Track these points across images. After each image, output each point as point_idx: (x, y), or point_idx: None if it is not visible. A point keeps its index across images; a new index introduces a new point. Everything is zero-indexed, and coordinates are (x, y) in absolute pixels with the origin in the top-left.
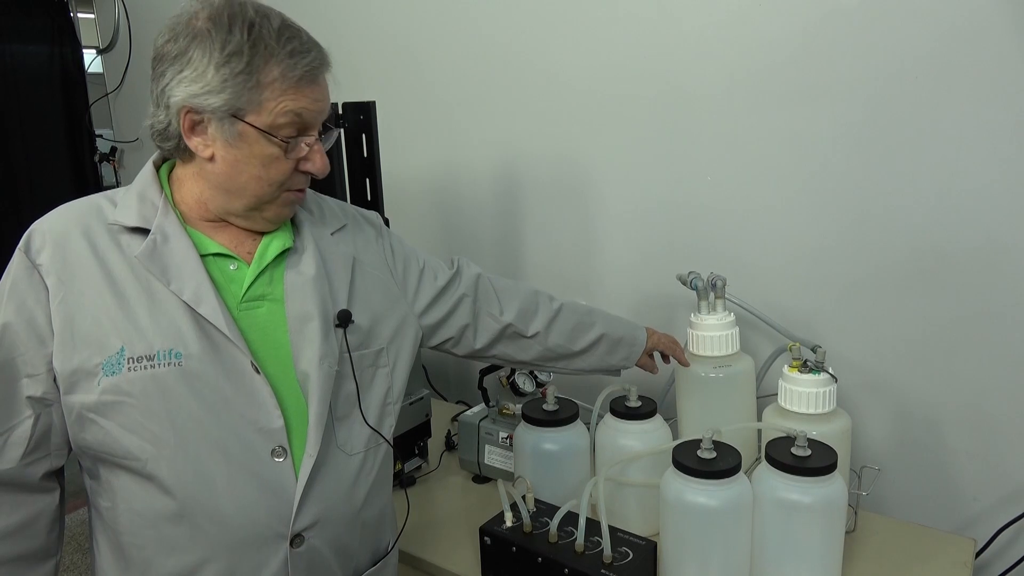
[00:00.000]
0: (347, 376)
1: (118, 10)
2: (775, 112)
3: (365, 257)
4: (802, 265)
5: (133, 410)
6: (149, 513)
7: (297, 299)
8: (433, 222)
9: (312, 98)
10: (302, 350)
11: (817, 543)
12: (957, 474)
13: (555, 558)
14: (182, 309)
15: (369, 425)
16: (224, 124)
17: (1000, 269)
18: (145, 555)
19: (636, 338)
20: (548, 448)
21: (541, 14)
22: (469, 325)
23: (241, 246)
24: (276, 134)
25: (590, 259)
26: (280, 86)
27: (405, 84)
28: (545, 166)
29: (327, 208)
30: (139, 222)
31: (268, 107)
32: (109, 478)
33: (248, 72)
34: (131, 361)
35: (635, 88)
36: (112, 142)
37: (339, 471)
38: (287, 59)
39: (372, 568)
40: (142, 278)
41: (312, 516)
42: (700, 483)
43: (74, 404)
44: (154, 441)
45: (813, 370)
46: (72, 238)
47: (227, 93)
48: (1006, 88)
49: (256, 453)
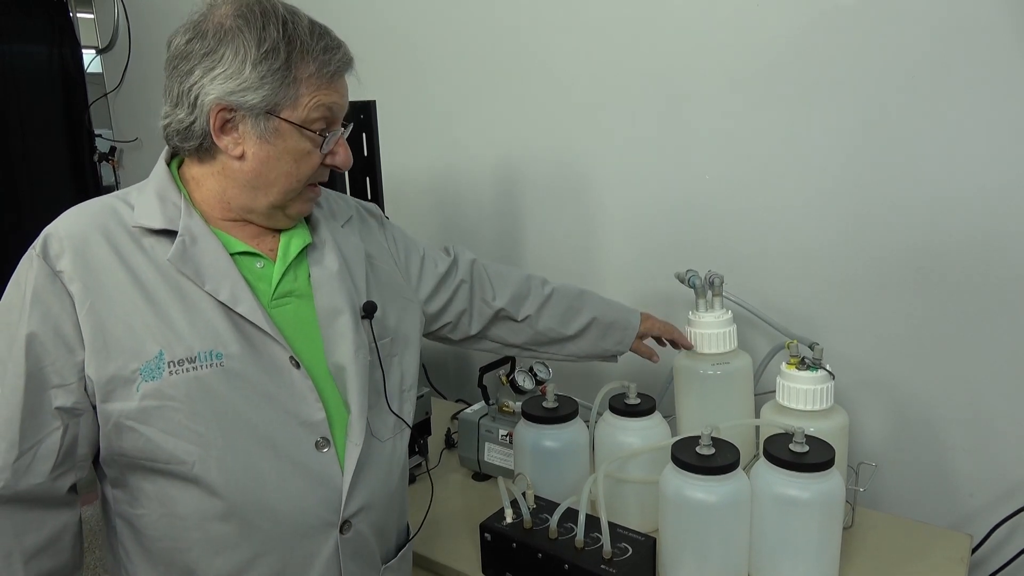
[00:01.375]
0: (375, 366)
1: (117, 10)
2: (773, 111)
3: (372, 249)
4: (799, 263)
5: (177, 413)
6: (194, 516)
7: (325, 294)
8: (433, 221)
9: (341, 93)
10: (335, 343)
11: (815, 539)
12: (954, 470)
13: (555, 554)
14: (217, 309)
15: (393, 412)
16: (259, 121)
17: (996, 266)
18: (191, 557)
19: (629, 322)
20: (548, 445)
21: (541, 13)
22: (466, 311)
23: (263, 244)
24: (311, 128)
25: (589, 257)
26: (316, 81)
27: (405, 83)
28: (544, 165)
29: (333, 201)
30: (164, 224)
31: (303, 102)
32: (141, 484)
33: (286, 68)
34: (172, 365)
35: (635, 87)
36: (111, 142)
37: (376, 457)
38: (322, 55)
39: (403, 549)
40: (171, 280)
41: (359, 503)
42: (699, 479)
43: (112, 412)
44: (200, 443)
45: (811, 367)
46: (92, 242)
47: (265, 89)
48: (1003, 87)
49: (302, 446)
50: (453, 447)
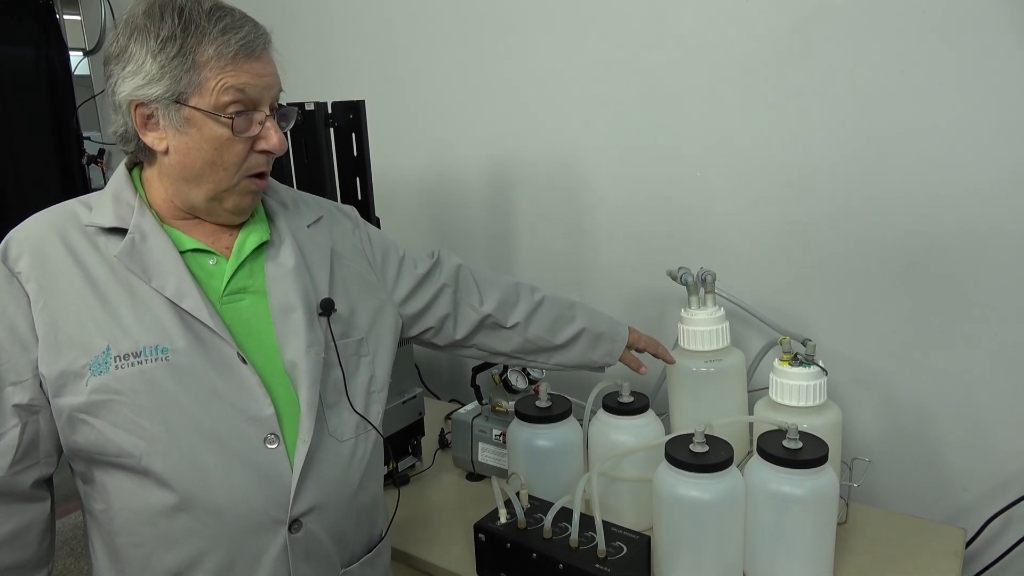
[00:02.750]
0: (333, 364)
1: (104, 12)
2: (763, 108)
3: (342, 249)
4: (791, 259)
5: (123, 407)
6: (146, 510)
7: (279, 290)
8: (424, 221)
9: (253, 73)
10: (288, 340)
11: (809, 535)
12: (947, 465)
13: (549, 554)
14: (165, 305)
15: (356, 411)
16: (171, 112)
17: (988, 262)
18: (143, 552)
19: (617, 334)
20: (541, 445)
21: (531, 12)
22: (449, 315)
23: (218, 241)
24: (221, 112)
25: (581, 256)
26: (217, 64)
27: (395, 83)
28: (535, 164)
29: (302, 201)
30: (116, 222)
31: (209, 87)
32: (103, 479)
33: (183, 55)
34: (118, 359)
35: (625, 85)
36: (100, 144)
37: (332, 457)
38: (220, 36)
39: (367, 555)
40: (122, 277)
41: (309, 501)
42: (693, 477)
43: (64, 407)
44: (146, 437)
45: (804, 363)
46: (49, 244)
47: (167, 79)
48: (993, 82)
49: (249, 442)
50: (447, 447)
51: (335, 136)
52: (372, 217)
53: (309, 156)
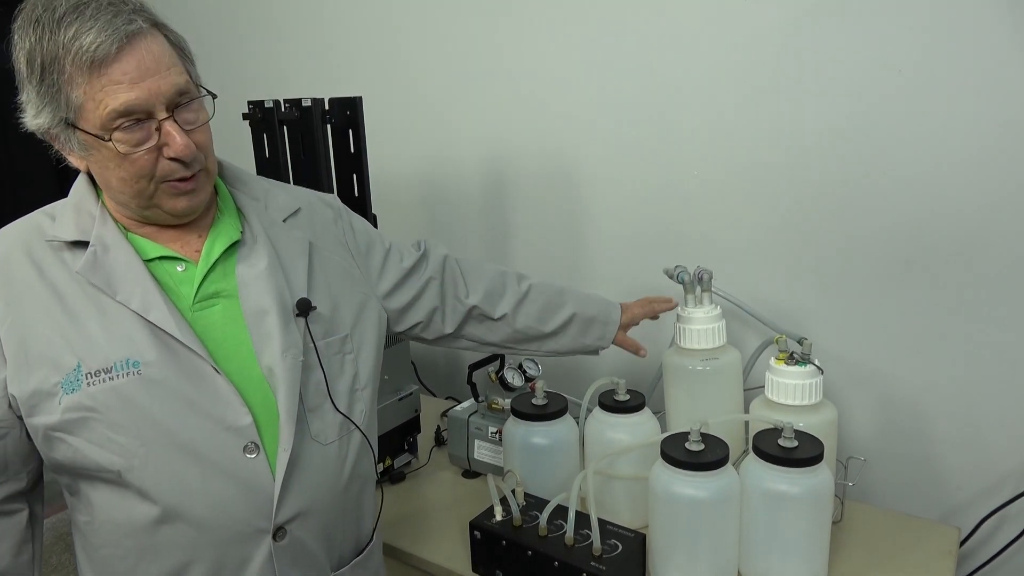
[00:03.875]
0: (314, 366)
1: None
2: (761, 107)
3: (322, 241)
4: (788, 258)
5: (98, 424)
6: (128, 523)
7: (251, 294)
8: (421, 217)
9: (125, 75)
10: (263, 345)
11: (804, 533)
12: (942, 464)
13: (545, 551)
14: (133, 318)
15: (340, 412)
16: (70, 136)
17: (984, 261)
18: (127, 565)
19: (609, 315)
20: (537, 442)
21: (528, 9)
22: (437, 308)
23: (187, 246)
24: (108, 133)
25: (577, 253)
26: (81, 80)
27: (392, 79)
28: (532, 161)
29: (277, 194)
30: (77, 235)
31: (87, 108)
32: (87, 492)
33: (49, 81)
34: (89, 376)
35: (622, 83)
36: None
37: (316, 462)
38: (71, 45)
39: (357, 557)
40: (89, 292)
41: (294, 508)
42: (688, 475)
43: (38, 425)
44: (123, 453)
45: (799, 362)
46: (14, 260)
47: (49, 108)
48: (991, 81)
49: (227, 452)
50: (443, 445)
51: (332, 133)
52: (369, 214)
53: (306, 153)
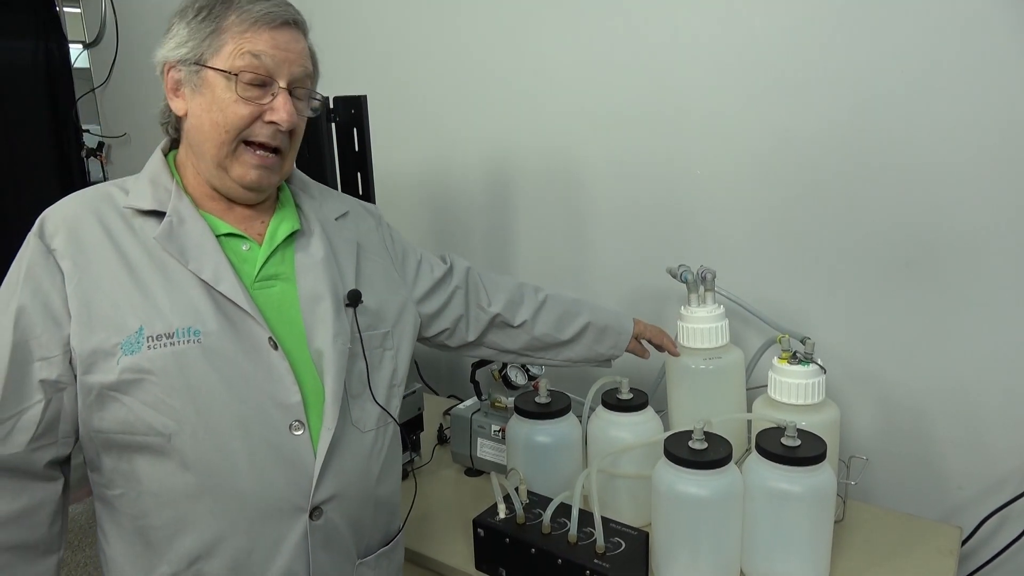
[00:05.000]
0: (358, 355)
1: (104, 4)
2: (763, 106)
3: (367, 243)
4: (790, 257)
5: (154, 387)
6: (167, 493)
7: (308, 279)
8: (425, 216)
9: (272, 43)
10: (315, 328)
11: (806, 532)
12: (943, 463)
13: (548, 549)
14: (199, 288)
15: (378, 403)
16: (192, 74)
17: (985, 260)
18: (163, 535)
19: (623, 326)
20: (541, 440)
21: (532, 9)
22: (463, 316)
23: (251, 228)
24: (236, 72)
25: (580, 253)
26: (237, 29)
27: (397, 78)
28: (536, 161)
29: (329, 195)
30: (154, 205)
31: (227, 50)
32: (118, 465)
33: (210, 20)
34: (150, 339)
35: (625, 83)
36: (99, 137)
37: (354, 447)
38: (246, 5)
39: (384, 548)
40: (157, 259)
41: (331, 489)
42: (691, 474)
43: (93, 384)
44: (176, 417)
45: (802, 361)
46: (85, 223)
47: (193, 41)
48: (991, 80)
49: (275, 427)
50: (446, 443)
51: (336, 131)
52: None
53: (310, 151)
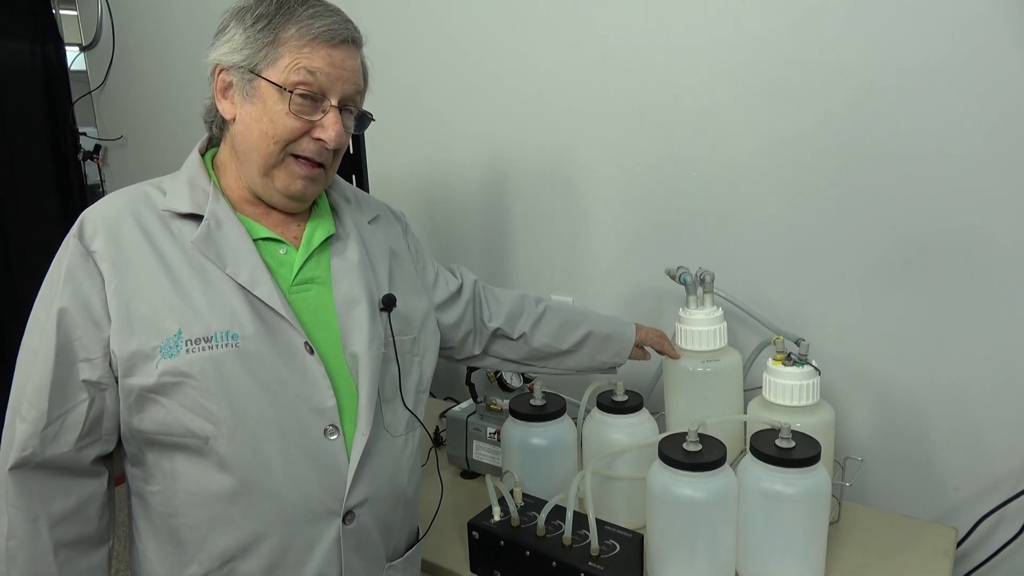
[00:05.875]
0: (391, 360)
1: (101, 7)
2: (760, 107)
3: (397, 249)
4: (787, 259)
5: (192, 390)
6: (204, 493)
7: (344, 283)
8: (420, 219)
9: (329, 61)
10: (351, 333)
11: (801, 533)
12: (939, 464)
13: (543, 551)
14: (236, 292)
15: (408, 408)
16: (245, 81)
17: (981, 261)
18: (198, 535)
19: (624, 334)
20: (536, 443)
21: (527, 11)
22: (472, 331)
23: (287, 232)
24: (291, 88)
25: (578, 255)
26: (296, 43)
27: (391, 81)
28: (532, 163)
29: (363, 198)
30: (192, 208)
31: (283, 63)
32: (159, 462)
33: (269, 30)
34: (189, 343)
35: (621, 85)
36: (96, 140)
37: (386, 451)
38: (306, 20)
39: (409, 551)
40: (195, 262)
41: (363, 493)
42: (686, 476)
43: (133, 386)
44: (213, 420)
45: (797, 363)
46: (124, 224)
47: (249, 49)
48: (988, 81)
49: (310, 432)
50: (441, 445)
51: None
52: None
53: None
